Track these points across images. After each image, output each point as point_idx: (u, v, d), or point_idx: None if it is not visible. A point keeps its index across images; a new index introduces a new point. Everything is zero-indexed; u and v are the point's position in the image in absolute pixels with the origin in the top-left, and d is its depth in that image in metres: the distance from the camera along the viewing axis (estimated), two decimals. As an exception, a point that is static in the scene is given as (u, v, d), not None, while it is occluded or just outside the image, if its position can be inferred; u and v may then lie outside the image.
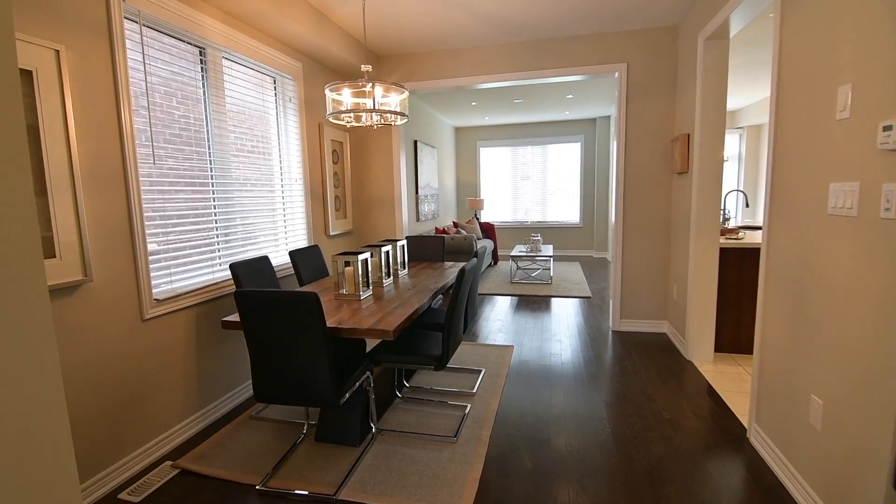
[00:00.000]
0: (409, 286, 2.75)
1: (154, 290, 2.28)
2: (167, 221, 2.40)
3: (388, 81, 2.45)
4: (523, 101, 6.61)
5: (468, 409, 2.65)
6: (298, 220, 3.59)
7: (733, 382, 2.98)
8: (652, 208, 3.93)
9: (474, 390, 2.88)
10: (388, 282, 2.81)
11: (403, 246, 3.16)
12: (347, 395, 2.03)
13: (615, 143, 4.04)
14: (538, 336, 4.01)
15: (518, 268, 6.96)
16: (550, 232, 8.94)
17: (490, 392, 2.87)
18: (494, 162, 9.11)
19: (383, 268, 2.81)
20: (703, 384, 2.97)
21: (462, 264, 3.35)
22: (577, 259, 8.33)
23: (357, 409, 2.32)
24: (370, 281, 2.56)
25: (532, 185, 8.98)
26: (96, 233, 1.96)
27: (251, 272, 2.63)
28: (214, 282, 2.64)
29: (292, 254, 3.05)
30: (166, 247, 2.38)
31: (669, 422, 2.49)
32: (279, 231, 3.37)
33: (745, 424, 2.45)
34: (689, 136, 3.41)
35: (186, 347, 2.44)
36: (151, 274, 2.26)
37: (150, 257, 2.25)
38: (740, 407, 2.65)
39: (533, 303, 5.21)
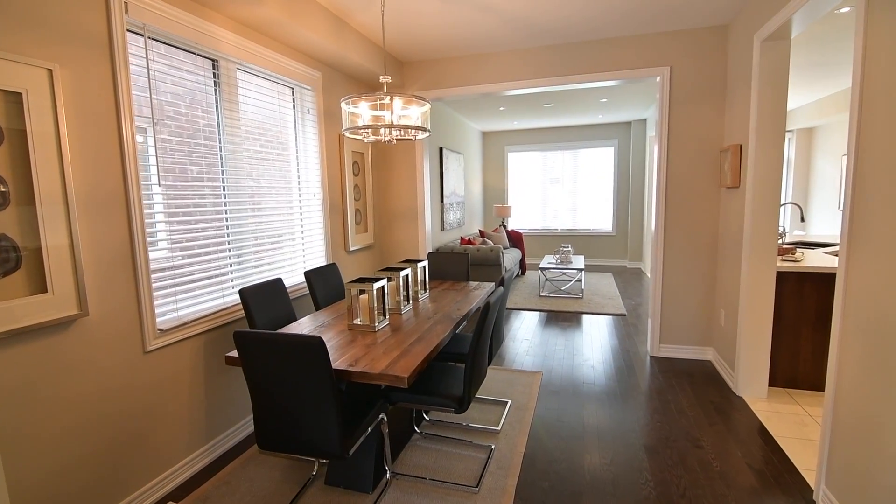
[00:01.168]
0: (430, 313, 2.54)
1: (158, 320, 2.14)
2: (174, 245, 2.26)
3: (407, 94, 2.25)
4: (554, 105, 6.32)
5: (492, 450, 2.42)
6: (316, 236, 3.43)
7: (792, 426, 2.64)
8: (697, 224, 3.60)
9: (499, 427, 2.65)
10: (406, 308, 2.62)
11: (424, 267, 2.95)
12: (358, 444, 1.84)
13: (656, 152, 3.72)
14: (569, 360, 3.73)
15: (546, 279, 6.67)
16: (581, 240, 8.59)
17: (516, 429, 2.63)
18: (523, 167, 8.83)
19: (401, 291, 2.61)
20: (755, 426, 2.65)
21: (487, 288, 3.13)
22: (609, 269, 7.96)
23: (370, 452, 2.13)
24: (387, 308, 2.37)
25: (562, 191, 8.64)
26: (94, 263, 1.83)
27: (263, 297, 2.48)
28: (225, 307, 2.50)
29: (308, 274, 2.89)
30: (173, 273, 2.25)
31: (721, 476, 2.20)
32: (297, 249, 3.22)
33: (812, 484, 2.13)
34: (741, 147, 3.08)
35: (192, 377, 2.31)
36: (156, 302, 2.13)
37: (153, 284, 2.11)
38: (803, 459, 2.32)
39: (563, 319, 4.93)
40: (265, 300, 2.49)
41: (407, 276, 2.63)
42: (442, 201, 6.23)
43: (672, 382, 3.26)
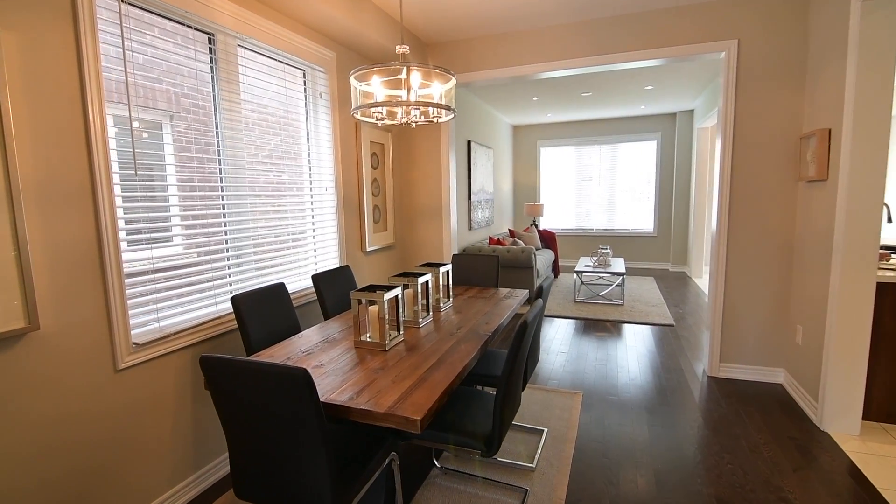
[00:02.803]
0: (454, 327, 2.15)
1: (134, 332, 1.84)
2: (154, 245, 1.96)
3: (428, 66, 1.87)
4: (593, 94, 5.82)
5: (527, 493, 2.01)
6: (329, 235, 3.10)
7: (903, 476, 2.12)
8: (768, 225, 3.07)
9: (534, 463, 2.24)
10: (426, 320, 2.24)
11: (448, 272, 2.57)
12: (361, 495, 1.47)
13: (719, 141, 3.21)
14: (612, 378, 3.27)
15: (582, 283, 6.17)
16: (619, 241, 8.02)
17: (555, 467, 2.21)
18: (556, 163, 8.32)
19: (420, 301, 2.23)
20: (850, 471, 2.14)
21: (520, 297, 2.71)
22: (650, 273, 7.37)
23: (379, 496, 1.76)
24: (401, 321, 2.00)
25: (598, 188, 8.09)
26: (49, 268, 1.53)
27: (260, 305, 2.15)
28: (218, 315, 2.19)
29: (316, 278, 2.56)
30: (154, 276, 1.94)
31: (821, 545, 1.72)
32: (307, 249, 2.90)
33: (950, 565, 1.63)
34: (829, 132, 2.55)
35: (177, 398, 2.00)
36: (131, 312, 1.82)
37: (127, 291, 1.81)
38: (928, 525, 1.81)
39: (602, 329, 4.45)
40: (263, 309, 2.16)
41: (427, 282, 2.25)
42: (469, 199, 5.83)
43: (739, 411, 2.77)
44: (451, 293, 2.59)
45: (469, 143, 5.73)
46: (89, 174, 1.64)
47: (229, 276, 2.33)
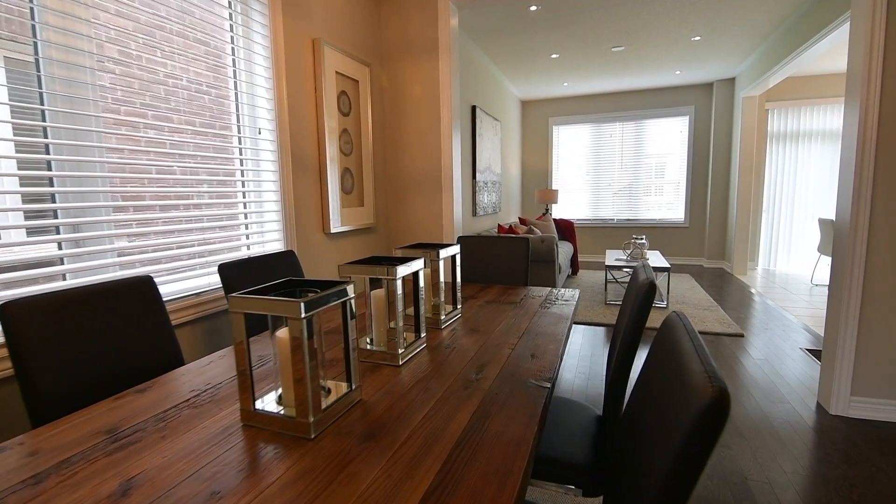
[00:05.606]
0: (471, 366, 1.09)
1: None
2: None
3: None
4: (625, 48, 4.75)
5: None
6: (268, 206, 2.03)
7: None
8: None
9: None
10: (416, 349, 1.17)
11: (455, 258, 1.50)
12: None
13: (843, 111, 2.15)
14: (693, 421, 2.21)
15: (613, 280, 5.12)
16: (645, 233, 6.97)
17: None
18: (571, 144, 7.26)
19: (399, 309, 1.17)
20: None
21: (573, 301, 1.63)
22: (682, 269, 6.33)
23: None
24: (353, 364, 0.94)
25: (620, 172, 7.04)
26: None
27: (73, 322, 1.08)
28: None
29: (226, 270, 1.49)
30: None
31: None
32: (239, 226, 1.83)
33: None
34: None
35: None
36: None
37: None
38: None
39: (646, 339, 3.39)
40: (82, 328, 1.08)
41: (418, 274, 1.17)
42: (474, 178, 4.77)
43: (887, 471, 1.72)
44: (458, 296, 1.52)
45: (474, 108, 4.66)
46: None
47: (64, 264, 1.26)
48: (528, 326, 1.39)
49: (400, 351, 1.09)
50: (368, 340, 1.18)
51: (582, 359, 3.04)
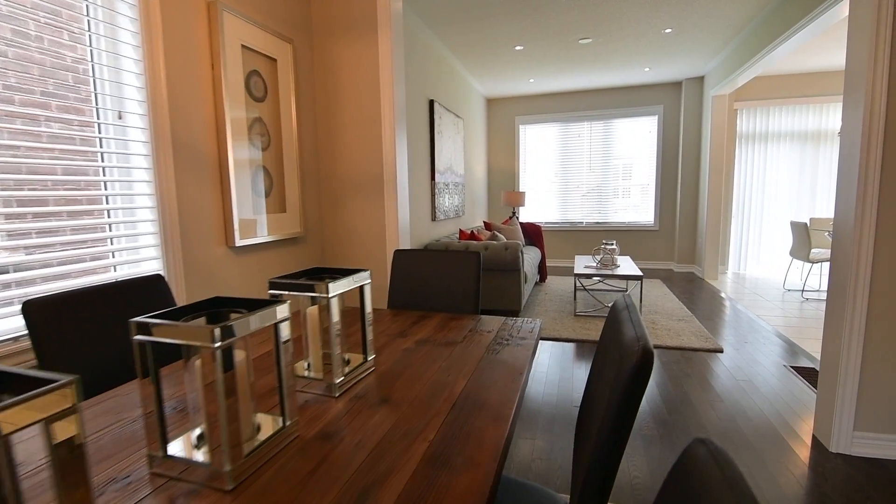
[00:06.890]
0: (370, 464, 0.67)
1: None
2: None
3: None
4: (592, 41, 4.45)
5: None
6: (142, 212, 1.56)
7: None
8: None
9: None
10: (263, 456, 0.74)
11: (366, 287, 1.08)
12: None
13: (838, 109, 1.86)
14: (665, 462, 1.86)
15: (583, 288, 4.80)
16: (614, 237, 6.73)
17: None
18: (538, 144, 6.95)
19: (285, 374, 0.75)
20: None
21: (532, 336, 1.27)
22: (653, 274, 6.10)
23: None
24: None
25: (589, 174, 6.78)
26: None
27: None
28: None
29: (32, 309, 1.02)
30: None
31: None
32: (103, 236, 1.35)
33: None
34: None
35: None
36: None
37: None
38: None
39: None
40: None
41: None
42: (433, 179, 4.36)
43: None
44: (367, 342, 1.09)
45: (432, 103, 4.26)
46: None
47: None
48: (465, 386, 0.98)
49: (259, 436, 0.66)
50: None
51: (549, 385, 2.66)
